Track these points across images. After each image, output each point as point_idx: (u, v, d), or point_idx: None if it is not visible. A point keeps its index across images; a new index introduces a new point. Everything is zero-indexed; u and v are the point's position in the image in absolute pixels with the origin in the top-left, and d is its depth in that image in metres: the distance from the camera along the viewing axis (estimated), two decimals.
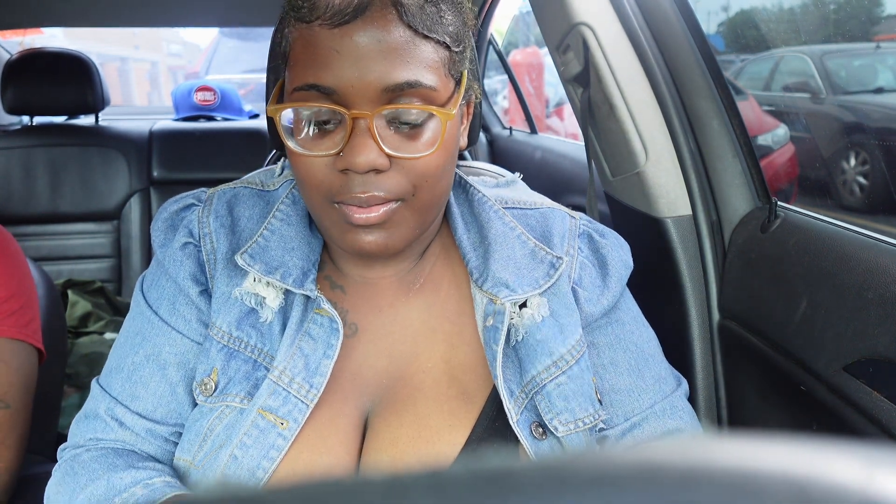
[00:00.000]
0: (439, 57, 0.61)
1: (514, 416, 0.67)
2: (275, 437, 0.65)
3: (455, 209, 0.75)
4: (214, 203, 0.74)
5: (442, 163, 0.63)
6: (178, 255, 0.72)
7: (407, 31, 0.59)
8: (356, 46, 0.58)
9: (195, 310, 0.72)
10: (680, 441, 0.17)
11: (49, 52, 2.28)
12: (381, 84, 0.58)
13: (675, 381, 0.79)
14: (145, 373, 0.71)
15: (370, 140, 0.59)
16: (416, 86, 0.59)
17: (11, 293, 0.98)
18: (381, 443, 0.67)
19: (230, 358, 0.69)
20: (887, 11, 3.09)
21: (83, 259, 2.29)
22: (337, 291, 0.73)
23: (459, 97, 0.65)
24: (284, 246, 0.70)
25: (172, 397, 0.71)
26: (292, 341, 0.68)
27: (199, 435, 0.68)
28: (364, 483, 0.17)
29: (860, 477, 0.15)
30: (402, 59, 0.58)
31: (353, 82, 0.58)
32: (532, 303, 0.71)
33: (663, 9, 1.08)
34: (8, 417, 0.93)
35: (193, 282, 0.71)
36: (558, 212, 0.79)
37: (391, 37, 0.58)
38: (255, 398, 0.67)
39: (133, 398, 0.71)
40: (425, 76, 0.60)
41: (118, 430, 0.71)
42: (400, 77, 0.58)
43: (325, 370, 0.67)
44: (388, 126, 0.61)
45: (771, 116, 3.17)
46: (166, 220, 0.74)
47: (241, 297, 0.69)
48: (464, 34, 0.64)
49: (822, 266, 0.86)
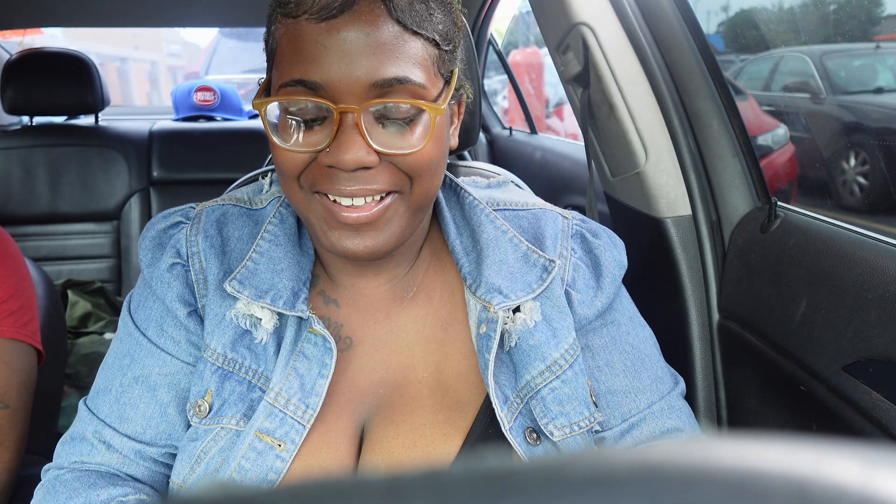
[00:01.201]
0: (428, 54, 0.61)
1: (507, 423, 0.67)
2: (273, 460, 0.65)
3: (447, 213, 0.75)
4: (203, 221, 0.73)
5: (433, 159, 0.62)
6: (166, 277, 0.71)
7: (396, 26, 0.58)
8: (343, 41, 0.57)
9: (184, 331, 0.71)
10: (679, 441, 0.17)
11: (49, 52, 2.27)
12: (369, 79, 0.58)
13: (672, 381, 0.79)
14: (134, 395, 0.70)
15: (358, 136, 0.58)
16: (405, 82, 0.58)
17: (10, 294, 0.98)
18: (376, 453, 0.67)
19: (224, 379, 0.68)
20: (887, 11, 3.09)
21: (83, 259, 2.29)
22: (331, 306, 0.72)
23: (448, 95, 0.64)
24: (273, 268, 0.69)
25: (162, 418, 0.70)
26: (287, 362, 0.67)
27: (191, 457, 0.67)
28: (363, 483, 0.17)
29: (860, 477, 0.15)
30: (390, 55, 0.58)
31: (340, 77, 0.58)
32: (525, 307, 0.70)
33: (663, 9, 1.08)
34: (7, 417, 0.93)
35: (181, 303, 0.71)
36: (550, 212, 0.78)
37: (379, 32, 0.57)
38: (252, 420, 0.66)
39: (122, 420, 0.70)
40: (414, 72, 0.59)
41: (105, 454, 0.70)
42: (388, 72, 0.58)
43: (321, 390, 0.66)
44: (376, 122, 0.60)
45: (771, 116, 3.17)
46: (153, 238, 0.73)
47: (236, 319, 0.68)
48: (453, 33, 0.64)
49: (822, 266, 0.86)
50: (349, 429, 0.68)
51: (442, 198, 0.75)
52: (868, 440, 0.77)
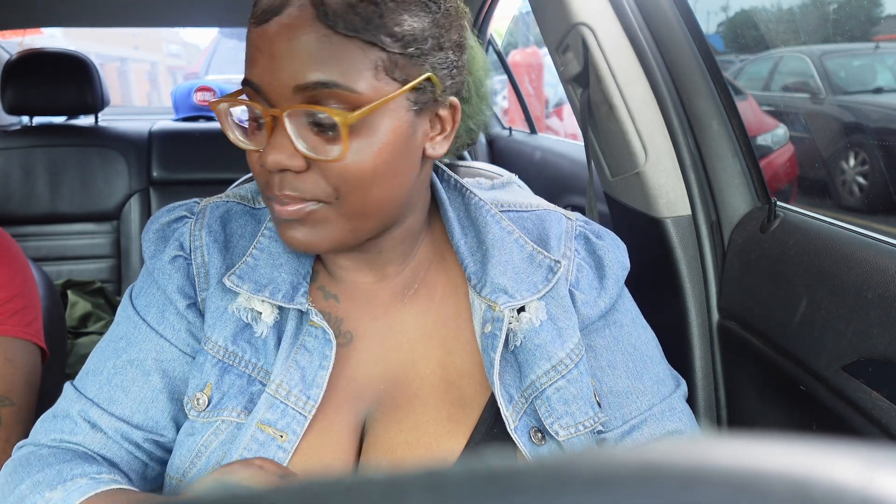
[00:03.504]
0: (369, 58, 0.58)
1: (512, 422, 0.67)
2: (275, 450, 0.65)
3: (451, 213, 0.75)
4: (207, 216, 0.74)
5: (363, 171, 0.60)
6: (168, 268, 0.72)
7: (324, 29, 0.57)
8: (271, 45, 0.58)
9: (184, 321, 0.71)
10: (680, 441, 0.17)
11: (49, 52, 2.27)
12: (292, 82, 0.58)
13: (673, 383, 0.79)
14: (127, 377, 0.70)
15: (283, 139, 0.59)
16: (331, 86, 0.57)
17: (14, 293, 0.99)
18: (378, 449, 0.67)
19: (224, 373, 0.68)
20: (887, 11, 3.09)
21: (83, 259, 2.29)
22: (331, 301, 0.73)
23: (403, 100, 0.61)
24: (273, 263, 0.70)
25: (153, 403, 0.70)
26: (288, 354, 0.68)
27: (191, 451, 0.67)
28: (364, 481, 0.17)
29: (860, 477, 0.15)
30: (313, 59, 0.57)
31: (269, 80, 0.59)
32: (530, 307, 0.71)
33: (663, 9, 1.08)
34: (13, 415, 0.94)
35: (181, 295, 0.71)
36: (554, 213, 0.78)
37: (305, 36, 0.57)
38: (254, 412, 0.66)
39: (111, 402, 0.70)
40: (343, 77, 0.57)
41: (87, 433, 0.69)
42: (310, 77, 0.57)
43: (322, 381, 0.67)
44: (308, 126, 0.59)
45: (770, 116, 3.18)
46: (157, 230, 0.74)
47: (237, 313, 0.69)
48: (426, 35, 0.61)
49: (822, 266, 0.86)
50: (350, 424, 0.68)
51: (445, 198, 0.75)
52: (868, 440, 0.77)
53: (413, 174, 0.65)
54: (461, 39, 0.66)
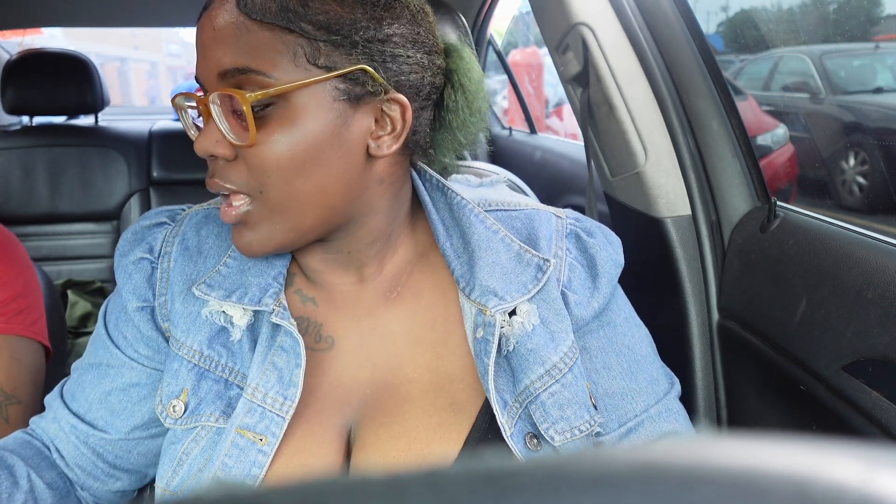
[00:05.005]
0: (287, 45, 0.58)
1: (508, 429, 0.66)
2: (255, 455, 0.64)
3: (434, 214, 0.73)
4: (185, 224, 0.74)
5: (290, 157, 0.60)
6: (130, 268, 0.72)
7: (241, 17, 0.59)
8: (201, 36, 0.61)
9: (132, 326, 0.72)
10: (679, 441, 0.17)
11: (49, 52, 2.27)
12: (216, 69, 0.60)
13: (668, 382, 0.78)
14: (87, 379, 0.74)
15: (213, 126, 0.61)
16: (246, 72, 0.58)
17: (18, 292, 1.00)
18: (369, 454, 0.66)
19: (201, 378, 0.68)
20: (887, 11, 3.09)
21: (83, 259, 2.29)
22: (309, 305, 0.71)
23: (329, 89, 0.60)
24: (242, 268, 0.70)
25: (102, 405, 0.73)
26: (264, 357, 0.67)
27: (173, 459, 0.68)
28: (363, 482, 0.17)
29: (860, 477, 0.15)
30: (230, 46, 0.59)
31: (201, 70, 0.62)
32: (521, 310, 0.69)
33: (663, 9, 1.08)
34: (20, 412, 0.95)
35: (135, 296, 0.71)
36: (544, 213, 0.77)
37: (222, 24, 0.59)
38: (233, 418, 0.66)
39: (72, 398, 0.74)
40: (258, 63, 0.58)
41: (49, 422, 0.75)
42: (227, 62, 0.59)
43: (298, 380, 0.66)
44: (230, 113, 0.61)
45: (770, 116, 3.18)
46: (136, 232, 0.75)
47: (211, 317, 0.69)
48: (359, 26, 0.60)
49: (822, 266, 0.86)
50: (334, 427, 0.67)
51: (428, 199, 0.74)
52: (868, 440, 0.77)
53: (351, 169, 0.63)
54: (418, 37, 0.64)
